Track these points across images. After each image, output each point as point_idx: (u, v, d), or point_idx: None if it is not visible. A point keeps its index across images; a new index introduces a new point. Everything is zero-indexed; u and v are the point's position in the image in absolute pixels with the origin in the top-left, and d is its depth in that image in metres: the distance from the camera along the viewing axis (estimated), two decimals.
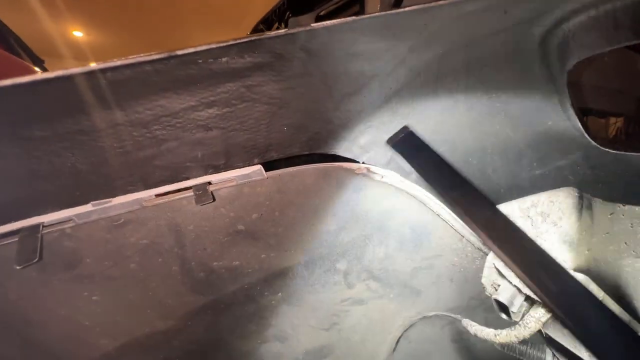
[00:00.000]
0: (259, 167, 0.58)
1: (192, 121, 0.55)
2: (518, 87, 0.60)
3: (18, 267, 0.47)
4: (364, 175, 0.65)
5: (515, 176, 0.70)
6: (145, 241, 0.60)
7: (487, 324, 0.68)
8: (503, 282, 0.60)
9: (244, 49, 0.49)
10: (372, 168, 0.64)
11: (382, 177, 0.66)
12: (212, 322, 0.79)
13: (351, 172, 0.64)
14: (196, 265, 0.68)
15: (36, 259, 0.47)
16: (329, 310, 0.92)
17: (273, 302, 0.82)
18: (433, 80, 0.63)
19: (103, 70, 0.43)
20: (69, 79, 0.42)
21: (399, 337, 1.02)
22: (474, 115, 0.65)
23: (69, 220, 0.50)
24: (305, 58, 0.53)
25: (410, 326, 1.01)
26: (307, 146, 0.67)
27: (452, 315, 0.96)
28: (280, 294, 0.82)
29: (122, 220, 0.56)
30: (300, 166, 0.62)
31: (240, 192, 0.60)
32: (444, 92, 0.64)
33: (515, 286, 0.58)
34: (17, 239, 0.48)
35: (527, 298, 0.58)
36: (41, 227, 0.48)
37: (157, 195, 0.54)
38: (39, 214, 0.50)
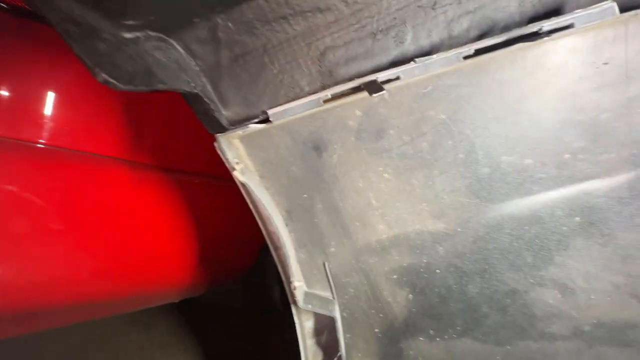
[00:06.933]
0: (612, 4, 0.47)
1: None
2: None
3: (373, 95, 0.58)
4: None
5: None
6: (442, 116, 0.62)
7: None
8: None
9: None
10: None
11: None
12: (482, 237, 0.72)
13: None
14: (483, 155, 0.64)
15: (383, 92, 0.57)
16: None
17: (564, 228, 0.66)
18: None
19: None
20: None
21: None
22: None
23: (397, 77, 0.58)
24: None
25: None
26: None
27: None
28: (577, 218, 0.64)
29: (429, 88, 0.60)
30: None
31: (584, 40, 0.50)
32: None
33: None
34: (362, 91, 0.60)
35: None
36: (377, 80, 0.58)
37: (477, 51, 0.53)
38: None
